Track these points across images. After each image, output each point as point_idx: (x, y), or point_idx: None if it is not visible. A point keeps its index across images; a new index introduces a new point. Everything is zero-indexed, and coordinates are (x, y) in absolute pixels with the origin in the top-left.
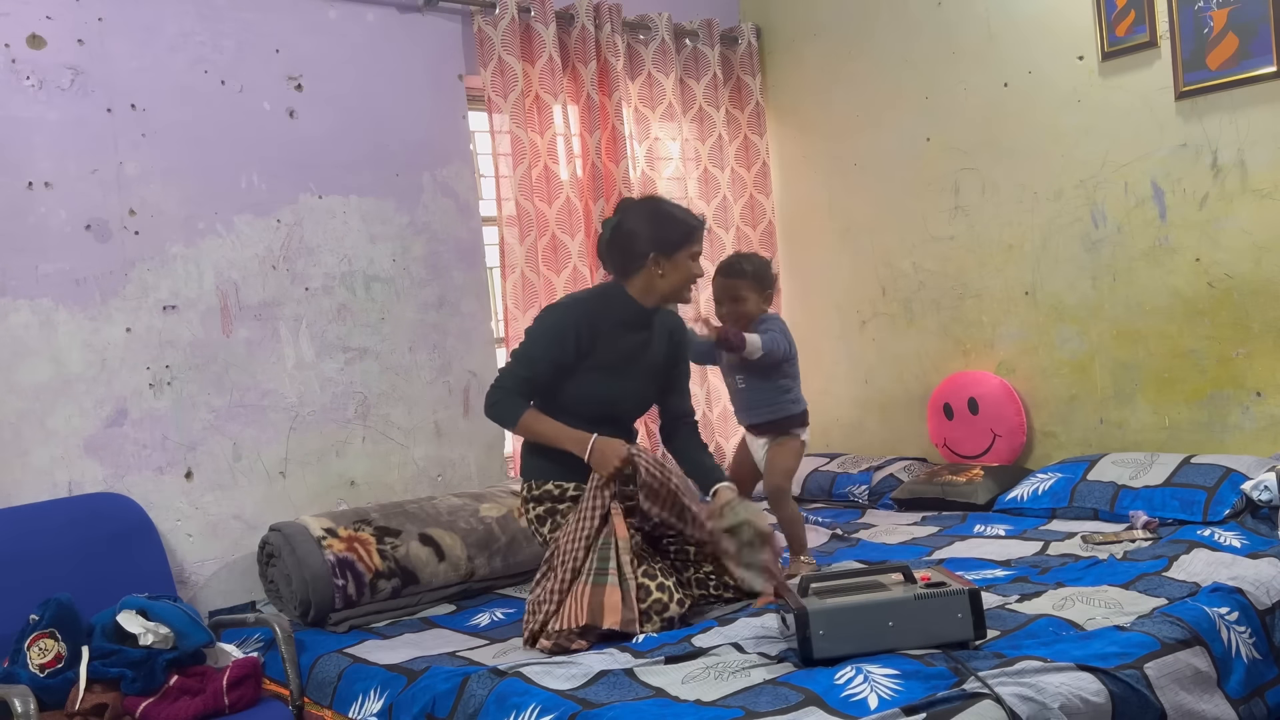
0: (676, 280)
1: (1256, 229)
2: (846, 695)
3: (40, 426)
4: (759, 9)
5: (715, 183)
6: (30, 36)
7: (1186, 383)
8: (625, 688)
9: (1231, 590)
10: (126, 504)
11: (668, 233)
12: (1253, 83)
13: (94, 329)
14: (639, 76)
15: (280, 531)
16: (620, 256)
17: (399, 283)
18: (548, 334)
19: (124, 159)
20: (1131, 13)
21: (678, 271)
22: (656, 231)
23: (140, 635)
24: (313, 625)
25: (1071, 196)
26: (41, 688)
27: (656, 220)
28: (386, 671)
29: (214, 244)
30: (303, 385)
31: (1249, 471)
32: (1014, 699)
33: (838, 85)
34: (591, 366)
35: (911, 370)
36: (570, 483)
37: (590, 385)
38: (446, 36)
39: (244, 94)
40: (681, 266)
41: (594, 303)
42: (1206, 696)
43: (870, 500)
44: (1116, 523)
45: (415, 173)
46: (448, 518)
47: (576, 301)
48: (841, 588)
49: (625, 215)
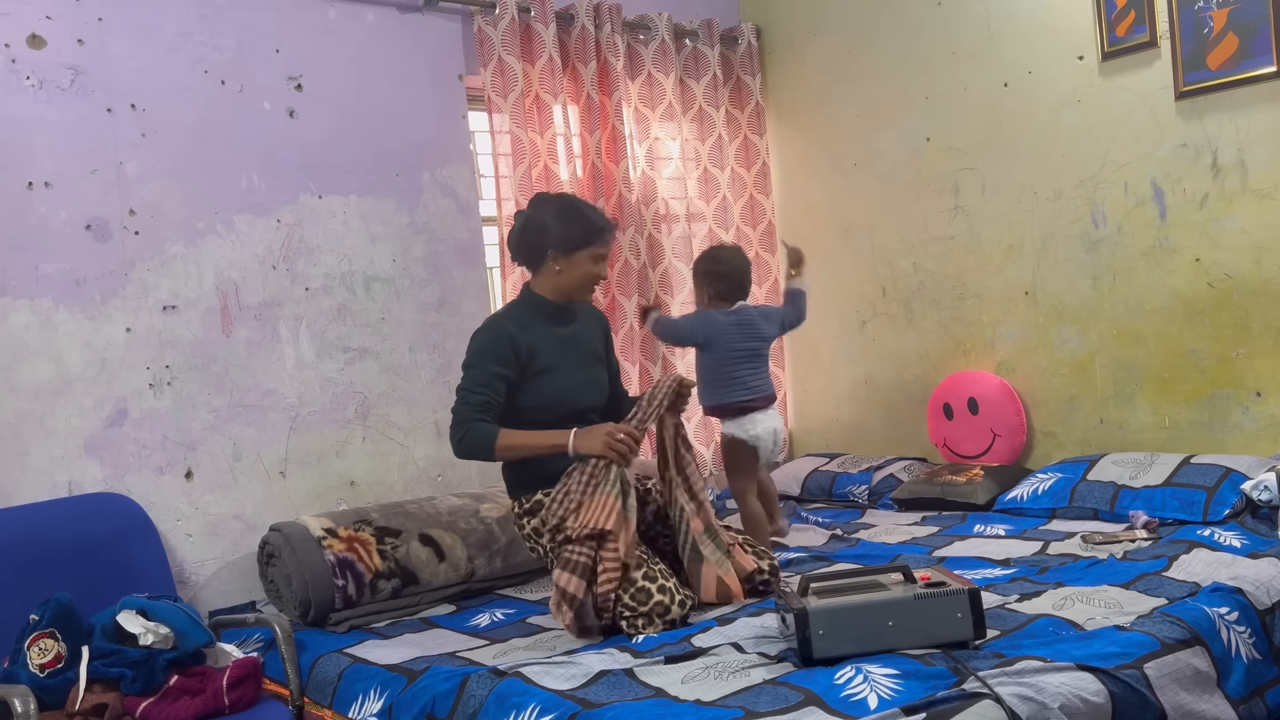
0: (574, 279)
1: (1256, 229)
2: (846, 695)
3: (40, 426)
4: (759, 9)
5: (715, 183)
6: (30, 36)
7: (1186, 383)
8: (625, 688)
9: (1231, 590)
10: (126, 504)
11: (570, 230)
12: (1253, 83)
13: (94, 329)
14: (639, 76)
15: (280, 531)
16: (524, 250)
17: (399, 283)
18: (486, 351)
19: (124, 159)
20: (1131, 13)
21: (575, 270)
22: (560, 228)
23: (140, 635)
24: (313, 625)
25: (1071, 196)
26: (41, 688)
27: (563, 217)
28: (386, 671)
29: (214, 244)
30: (303, 385)
31: (1249, 471)
32: (1014, 699)
33: (838, 85)
34: (537, 371)
35: (911, 370)
36: None
37: (545, 389)
38: (446, 36)
39: (244, 94)
40: (579, 266)
41: (516, 310)
42: (1206, 696)
43: (870, 500)
44: (1116, 523)
45: (415, 173)
46: (448, 518)
47: (499, 316)
48: (841, 587)
49: (535, 209)
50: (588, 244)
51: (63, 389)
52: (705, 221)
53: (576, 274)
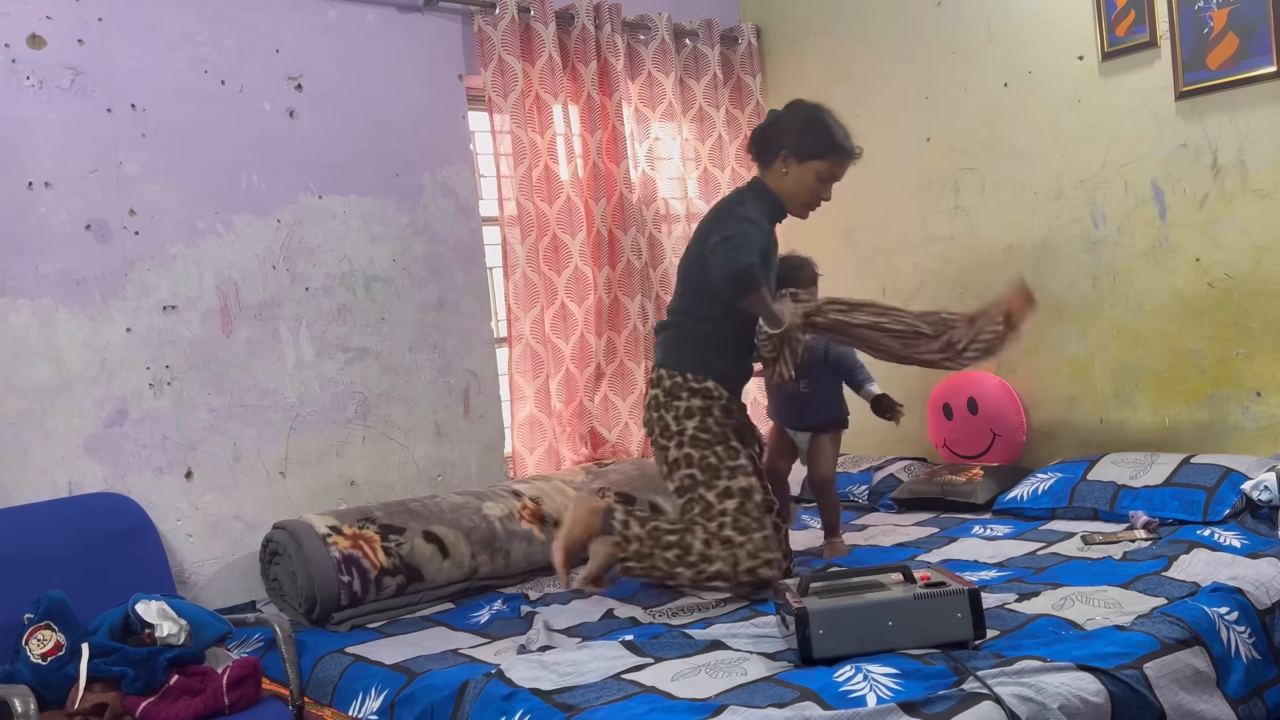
0: (797, 187)
1: (1256, 229)
2: (845, 692)
3: (40, 426)
4: (759, 9)
5: (715, 183)
6: (30, 36)
7: (1186, 383)
8: (618, 686)
9: (1231, 590)
10: (126, 504)
11: (810, 139)
12: (1253, 83)
13: (94, 329)
14: (639, 76)
15: (285, 529)
16: (760, 145)
17: (399, 283)
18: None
19: (124, 159)
20: (1131, 13)
21: (801, 179)
22: (801, 133)
23: (157, 626)
24: (317, 622)
25: (1071, 196)
26: (43, 683)
27: (808, 124)
28: (387, 670)
29: (214, 244)
30: (303, 385)
31: (1249, 471)
32: (1013, 699)
33: (838, 85)
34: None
35: (911, 370)
36: (726, 391)
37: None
38: (446, 36)
39: (244, 94)
40: (804, 176)
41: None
42: (1206, 696)
43: (870, 500)
44: (1116, 523)
45: (415, 173)
46: (451, 515)
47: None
48: (841, 588)
49: (787, 110)
50: (821, 156)
51: (63, 389)
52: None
53: (800, 183)
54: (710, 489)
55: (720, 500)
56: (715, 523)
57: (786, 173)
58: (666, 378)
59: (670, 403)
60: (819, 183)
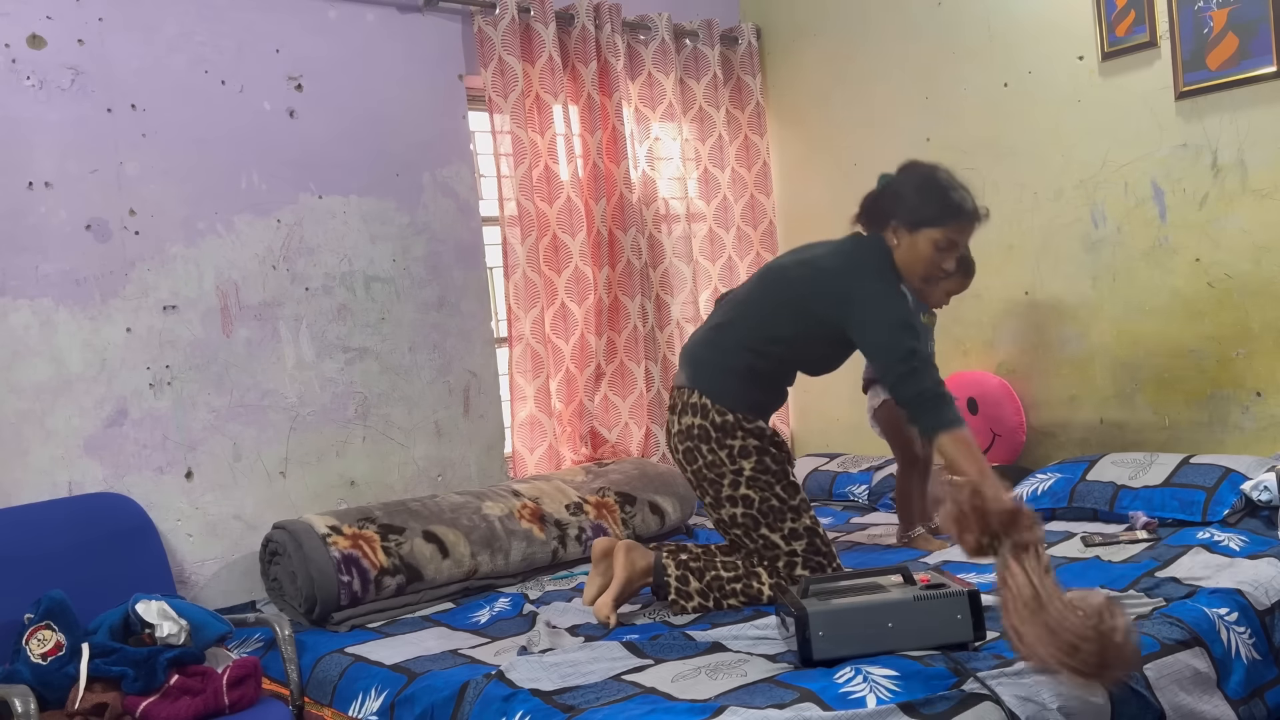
0: (911, 258)
1: (1256, 229)
2: (844, 693)
3: (40, 426)
4: (759, 9)
5: (715, 183)
6: (30, 36)
7: (1186, 383)
8: (618, 687)
9: (1231, 591)
10: (126, 504)
11: (922, 204)
12: (1253, 83)
13: (94, 329)
14: (639, 76)
15: (285, 529)
16: (870, 214)
17: (399, 283)
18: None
19: (124, 159)
20: (1131, 13)
21: (914, 250)
22: (912, 198)
23: (157, 626)
24: (317, 622)
25: (1071, 196)
26: (43, 683)
27: (921, 188)
28: (387, 670)
29: (214, 244)
30: (303, 385)
31: (1249, 472)
32: (1013, 700)
33: (838, 85)
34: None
35: None
36: (770, 429)
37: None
38: (446, 36)
39: (244, 94)
40: (919, 245)
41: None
42: (1206, 697)
43: (870, 500)
44: (1116, 523)
45: (415, 173)
46: (450, 515)
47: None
48: (841, 589)
49: (900, 173)
50: (935, 223)
51: (63, 389)
52: (706, 221)
53: (915, 254)
54: (775, 531)
55: (788, 542)
56: (783, 562)
57: (898, 244)
58: (715, 413)
59: (723, 440)
60: (937, 253)
